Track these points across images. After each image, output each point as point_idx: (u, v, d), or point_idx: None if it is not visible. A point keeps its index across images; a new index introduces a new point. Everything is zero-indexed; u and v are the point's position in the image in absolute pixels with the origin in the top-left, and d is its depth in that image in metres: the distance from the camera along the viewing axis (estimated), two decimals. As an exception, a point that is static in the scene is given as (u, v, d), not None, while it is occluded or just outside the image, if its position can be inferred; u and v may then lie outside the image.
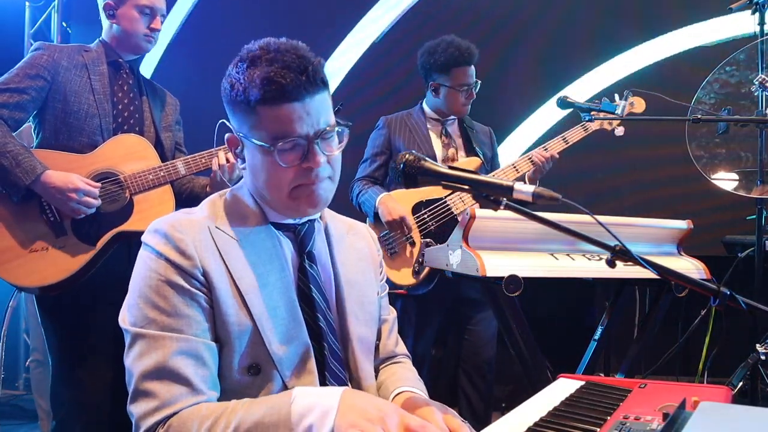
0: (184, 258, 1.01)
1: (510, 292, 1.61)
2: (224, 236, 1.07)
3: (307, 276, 1.13)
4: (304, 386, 1.02)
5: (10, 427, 3.27)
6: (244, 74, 1.03)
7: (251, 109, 1.03)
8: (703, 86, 2.54)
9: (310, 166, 1.05)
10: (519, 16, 3.75)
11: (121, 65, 2.16)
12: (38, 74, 2.00)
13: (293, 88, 1.00)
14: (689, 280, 0.93)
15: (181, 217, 1.07)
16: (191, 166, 2.12)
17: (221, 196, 1.16)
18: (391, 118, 2.62)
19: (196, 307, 1.01)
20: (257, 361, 1.04)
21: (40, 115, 2.05)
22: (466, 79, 2.50)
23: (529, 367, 1.74)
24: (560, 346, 2.67)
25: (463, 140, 2.62)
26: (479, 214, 1.70)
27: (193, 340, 0.99)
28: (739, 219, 3.07)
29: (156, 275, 1.01)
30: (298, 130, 1.03)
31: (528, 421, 0.97)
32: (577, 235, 0.96)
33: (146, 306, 1.00)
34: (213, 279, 1.02)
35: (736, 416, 0.85)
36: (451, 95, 2.52)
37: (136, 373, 0.98)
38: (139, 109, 2.17)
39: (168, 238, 1.02)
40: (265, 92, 1.00)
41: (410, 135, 2.55)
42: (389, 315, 1.34)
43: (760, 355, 2.22)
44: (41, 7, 4.02)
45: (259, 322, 1.03)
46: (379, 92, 3.74)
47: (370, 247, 1.30)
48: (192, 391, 0.97)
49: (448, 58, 2.49)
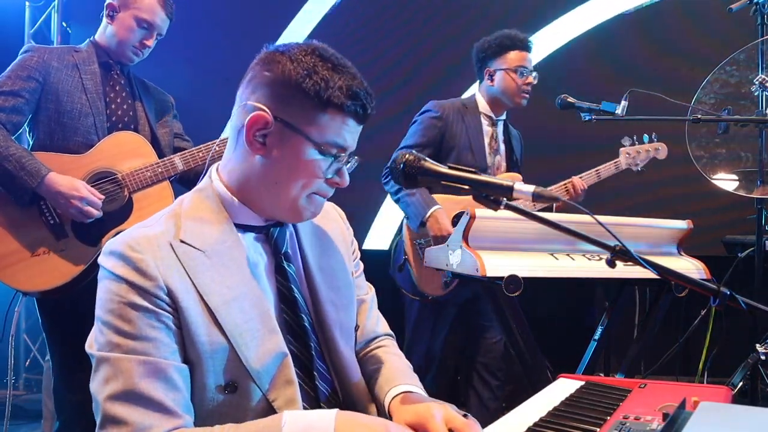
0: (145, 279, 0.94)
1: (510, 292, 1.61)
2: (188, 249, 1.00)
3: (286, 277, 1.09)
4: (291, 407, 1.00)
5: (10, 427, 3.27)
6: (327, 71, 1.02)
7: (323, 106, 1.01)
8: (703, 86, 2.54)
9: (338, 183, 1.08)
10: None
11: (112, 66, 2.16)
12: (30, 76, 1.99)
13: (366, 113, 1.05)
14: (689, 280, 0.93)
15: (137, 234, 0.99)
16: (189, 161, 2.11)
17: (180, 204, 1.08)
18: (446, 106, 2.46)
19: (163, 328, 0.95)
20: (233, 378, 0.99)
21: (33, 117, 2.05)
22: (523, 62, 2.42)
23: (529, 367, 1.74)
24: (560, 346, 2.67)
25: (506, 146, 2.55)
26: (479, 214, 1.70)
27: (162, 362, 0.93)
28: (739, 219, 3.07)
29: (117, 298, 0.94)
30: (349, 146, 1.06)
31: (528, 421, 0.97)
32: (577, 235, 0.96)
33: (109, 331, 0.93)
34: (179, 298, 0.96)
35: (736, 416, 0.85)
36: (508, 79, 2.42)
37: (102, 399, 0.91)
38: (132, 107, 2.17)
39: (126, 259, 0.95)
40: (350, 103, 1.02)
41: (466, 134, 2.42)
42: (367, 294, 1.30)
43: (760, 355, 2.22)
44: (41, 7, 4.01)
45: (233, 337, 0.98)
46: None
47: (340, 227, 1.27)
48: (166, 414, 0.91)
49: (503, 41, 2.43)
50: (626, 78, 3.53)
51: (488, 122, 2.50)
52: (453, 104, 2.48)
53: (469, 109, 2.48)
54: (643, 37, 3.65)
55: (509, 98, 2.45)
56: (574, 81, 3.57)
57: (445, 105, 2.47)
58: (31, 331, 3.96)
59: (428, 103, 2.51)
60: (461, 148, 2.42)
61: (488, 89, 2.49)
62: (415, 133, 2.46)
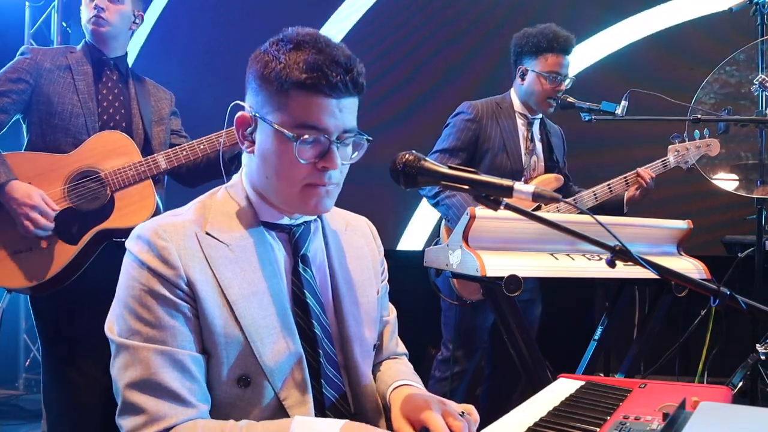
0: (167, 267, 0.97)
1: (510, 292, 1.61)
2: (213, 242, 1.02)
3: (300, 280, 1.09)
4: (302, 407, 1.00)
5: (10, 427, 3.27)
6: (286, 54, 0.98)
7: (284, 90, 0.98)
8: (703, 86, 2.54)
9: (326, 167, 1.00)
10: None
11: (105, 63, 2.17)
12: (20, 77, 2.02)
13: (336, 83, 0.97)
14: (689, 280, 0.93)
15: (166, 222, 1.01)
16: (172, 159, 2.10)
17: (212, 196, 1.11)
18: (480, 107, 2.38)
19: (181, 318, 0.97)
20: (247, 372, 1.00)
21: (27, 117, 2.07)
22: (556, 68, 2.31)
23: (529, 367, 1.74)
24: (560, 346, 2.67)
25: (543, 145, 2.47)
26: (479, 214, 1.70)
27: (179, 352, 0.95)
28: (739, 219, 3.07)
29: (139, 284, 0.97)
30: (324, 124, 0.99)
31: (528, 421, 0.97)
32: (577, 235, 0.96)
33: (130, 316, 0.96)
34: (198, 289, 0.97)
35: (736, 416, 0.85)
36: (538, 82, 2.33)
37: (122, 385, 0.95)
38: (125, 106, 2.17)
39: (151, 245, 0.97)
40: (307, 77, 0.96)
41: (501, 136, 2.35)
42: (390, 315, 1.30)
43: (760, 355, 2.23)
44: (41, 7, 4.02)
45: (249, 332, 0.99)
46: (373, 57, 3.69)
47: (370, 244, 1.25)
48: (181, 403, 0.93)
49: (541, 41, 2.32)
50: (626, 78, 3.53)
51: (524, 121, 2.43)
52: (487, 104, 2.41)
53: (503, 109, 2.40)
54: (645, 39, 3.65)
55: (535, 102, 2.38)
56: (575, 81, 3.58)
57: (479, 106, 2.40)
58: (31, 331, 3.96)
59: (462, 105, 2.45)
60: (496, 151, 2.35)
61: (518, 88, 2.42)
62: (448, 136, 2.40)
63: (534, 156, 2.43)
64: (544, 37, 2.32)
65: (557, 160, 2.49)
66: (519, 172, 2.38)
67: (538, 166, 2.45)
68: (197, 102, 2.97)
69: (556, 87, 2.32)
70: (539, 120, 2.48)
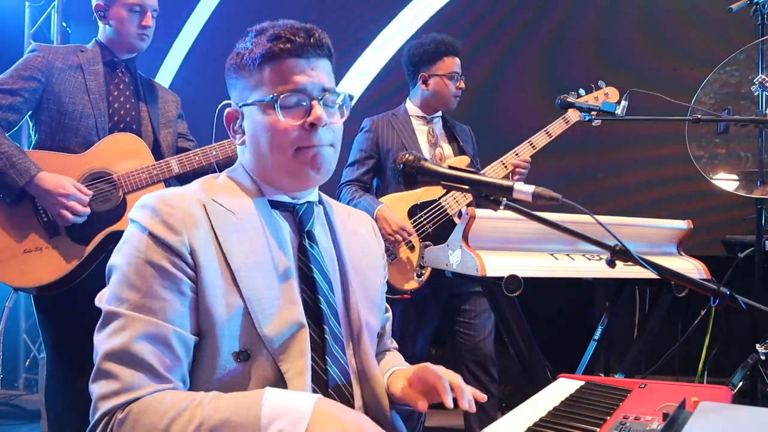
0: (171, 233, 0.96)
1: (510, 292, 1.61)
2: (219, 209, 1.02)
3: (307, 256, 1.08)
4: (301, 379, 0.98)
5: (10, 427, 3.27)
6: (251, 40, 1.06)
7: (256, 68, 1.05)
8: (703, 86, 2.54)
9: (312, 122, 1.03)
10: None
11: (117, 64, 2.16)
12: (32, 76, 2.00)
13: (300, 45, 1.03)
14: (689, 280, 0.93)
15: (172, 191, 1.03)
16: (185, 164, 2.11)
17: (216, 178, 1.12)
18: (376, 120, 2.62)
19: (175, 292, 0.95)
20: (246, 346, 0.98)
21: (36, 116, 2.05)
22: (456, 68, 2.54)
23: (529, 367, 1.74)
24: (560, 346, 2.67)
25: (448, 139, 2.64)
26: (479, 214, 1.70)
27: (165, 326, 0.93)
28: (739, 219, 3.07)
29: (137, 253, 0.95)
30: (300, 82, 1.04)
31: (528, 421, 0.97)
32: (577, 235, 0.96)
33: (122, 285, 0.95)
34: (200, 257, 0.96)
35: (736, 416, 0.85)
36: (443, 84, 2.54)
37: (101, 352, 0.93)
38: (135, 108, 2.16)
39: (155, 211, 0.97)
40: (272, 47, 1.03)
41: (397, 136, 2.55)
42: (388, 312, 1.32)
43: (760, 355, 2.22)
44: (41, 7, 4.02)
45: (250, 302, 0.98)
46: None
47: (371, 236, 1.27)
48: (155, 377, 0.92)
49: (438, 47, 2.53)
50: (626, 78, 3.54)
51: (422, 122, 2.61)
52: (383, 116, 2.64)
53: (398, 117, 2.61)
54: (643, 37, 3.65)
55: (443, 103, 2.58)
56: (575, 80, 3.57)
57: (375, 118, 2.64)
58: (31, 331, 3.96)
59: (363, 121, 2.67)
60: (396, 149, 2.52)
61: (422, 94, 2.59)
62: (354, 150, 2.63)
63: (438, 147, 2.59)
64: (441, 43, 2.54)
65: (466, 151, 2.61)
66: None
67: (447, 155, 2.60)
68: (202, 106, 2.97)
69: (459, 85, 2.56)
70: (440, 118, 2.65)
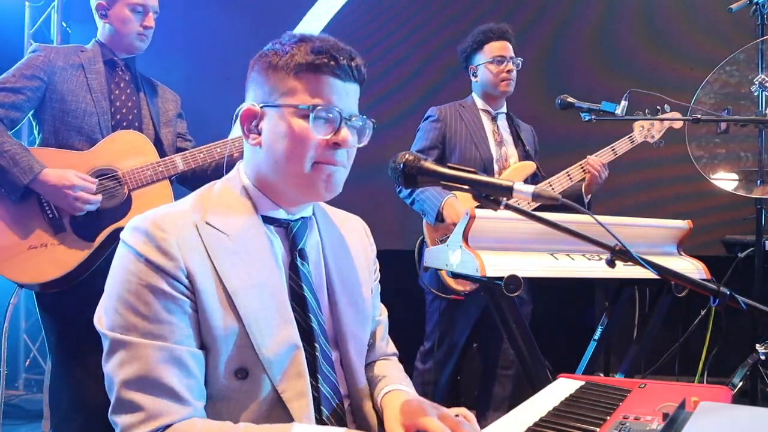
0: (166, 259, 0.95)
1: (510, 292, 1.61)
2: (213, 231, 1.01)
3: (298, 275, 1.09)
4: (300, 400, 1.00)
5: (10, 427, 3.27)
6: (292, 46, 1.04)
7: (293, 74, 1.03)
8: (703, 86, 2.54)
9: (338, 144, 1.03)
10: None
11: (117, 63, 2.17)
12: (34, 74, 2.01)
13: (342, 67, 1.03)
14: (689, 280, 0.93)
15: (164, 213, 1.01)
16: (189, 161, 2.11)
17: (210, 188, 1.11)
18: (444, 109, 2.57)
19: (179, 313, 0.95)
20: (245, 364, 0.99)
21: (39, 115, 2.06)
22: (499, 52, 2.51)
23: (529, 367, 1.74)
24: (560, 346, 2.67)
25: (513, 137, 2.61)
26: (479, 214, 1.69)
27: (177, 348, 0.94)
28: (739, 219, 3.07)
29: (136, 279, 0.95)
30: (335, 102, 1.04)
31: (528, 421, 0.97)
32: (577, 235, 0.96)
33: (126, 311, 0.94)
34: (198, 281, 0.96)
35: (736, 416, 0.85)
36: (486, 71, 2.52)
37: (118, 382, 0.93)
38: (137, 106, 2.17)
39: (149, 236, 0.96)
40: (315, 59, 1.02)
41: (466, 130, 2.51)
42: (382, 316, 1.31)
43: (760, 355, 2.23)
44: (41, 7, 4.01)
45: (248, 324, 0.98)
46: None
47: (363, 243, 1.26)
48: (179, 401, 0.92)
49: (477, 37, 2.55)
50: (626, 78, 3.54)
51: (487, 117, 2.58)
52: (451, 106, 2.60)
53: (466, 108, 2.58)
54: (643, 37, 3.65)
55: (493, 88, 2.54)
56: (575, 80, 3.58)
57: (443, 107, 2.59)
58: (31, 331, 3.96)
59: (429, 110, 2.63)
60: (464, 143, 2.50)
61: (475, 86, 2.62)
62: (419, 139, 2.59)
63: (504, 147, 2.56)
64: (481, 32, 2.55)
65: (530, 153, 2.59)
66: (489, 161, 2.49)
67: (510, 157, 2.56)
68: (202, 106, 2.97)
69: (505, 68, 2.51)
70: (505, 115, 2.63)
